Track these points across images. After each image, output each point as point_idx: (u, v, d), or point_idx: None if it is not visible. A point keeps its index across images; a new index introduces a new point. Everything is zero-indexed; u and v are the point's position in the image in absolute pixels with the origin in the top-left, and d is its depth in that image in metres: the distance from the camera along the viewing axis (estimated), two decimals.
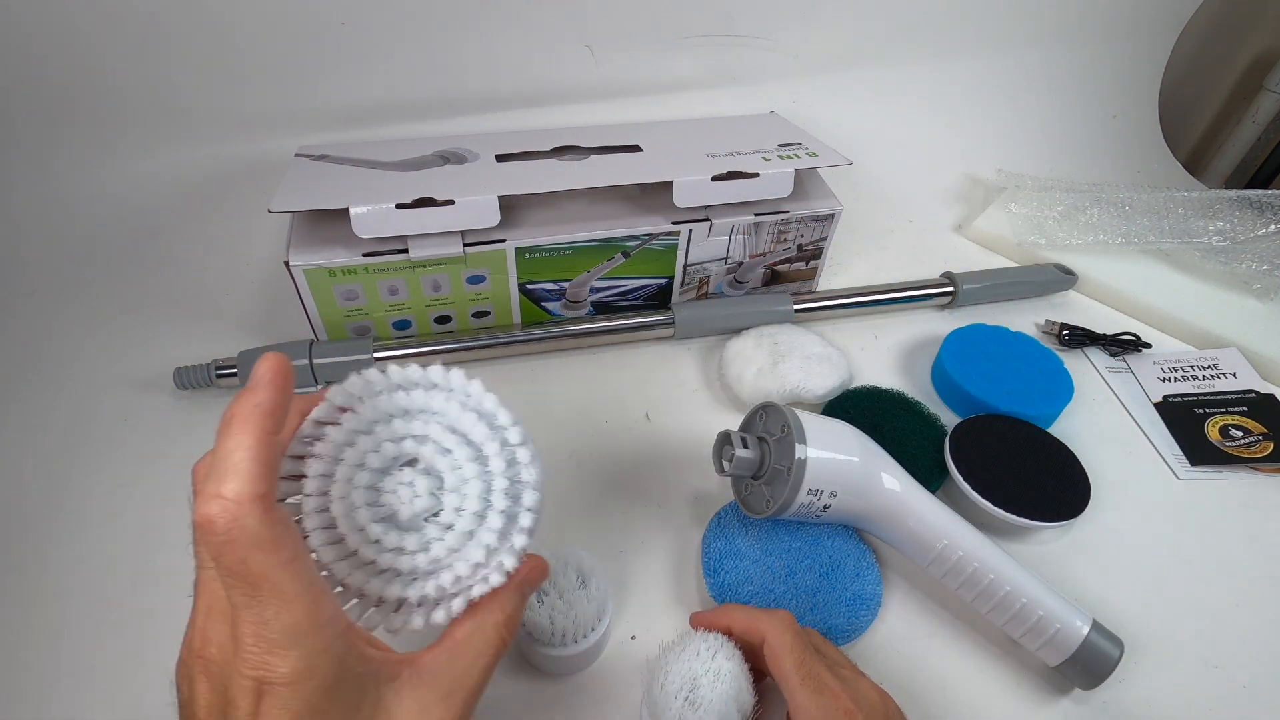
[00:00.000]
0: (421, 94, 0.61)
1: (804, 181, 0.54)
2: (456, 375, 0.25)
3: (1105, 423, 0.50)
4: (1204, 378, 0.53)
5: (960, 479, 0.41)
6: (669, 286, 0.53)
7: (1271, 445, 0.47)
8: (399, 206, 0.43)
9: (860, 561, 0.38)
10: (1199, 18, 0.83)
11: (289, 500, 0.24)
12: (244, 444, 0.19)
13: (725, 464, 0.37)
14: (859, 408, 0.47)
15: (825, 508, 0.36)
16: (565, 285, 0.51)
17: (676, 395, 0.50)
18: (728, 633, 0.32)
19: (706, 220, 0.50)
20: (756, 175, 0.49)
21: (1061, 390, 0.48)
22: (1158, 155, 0.84)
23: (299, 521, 0.23)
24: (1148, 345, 0.56)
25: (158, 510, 0.41)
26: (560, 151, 0.53)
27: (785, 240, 0.53)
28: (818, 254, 0.55)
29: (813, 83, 0.72)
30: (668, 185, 0.48)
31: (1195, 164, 1.00)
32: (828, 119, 0.70)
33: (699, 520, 0.41)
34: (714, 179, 0.48)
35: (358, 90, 0.59)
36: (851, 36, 0.71)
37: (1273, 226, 0.62)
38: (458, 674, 0.23)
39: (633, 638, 0.36)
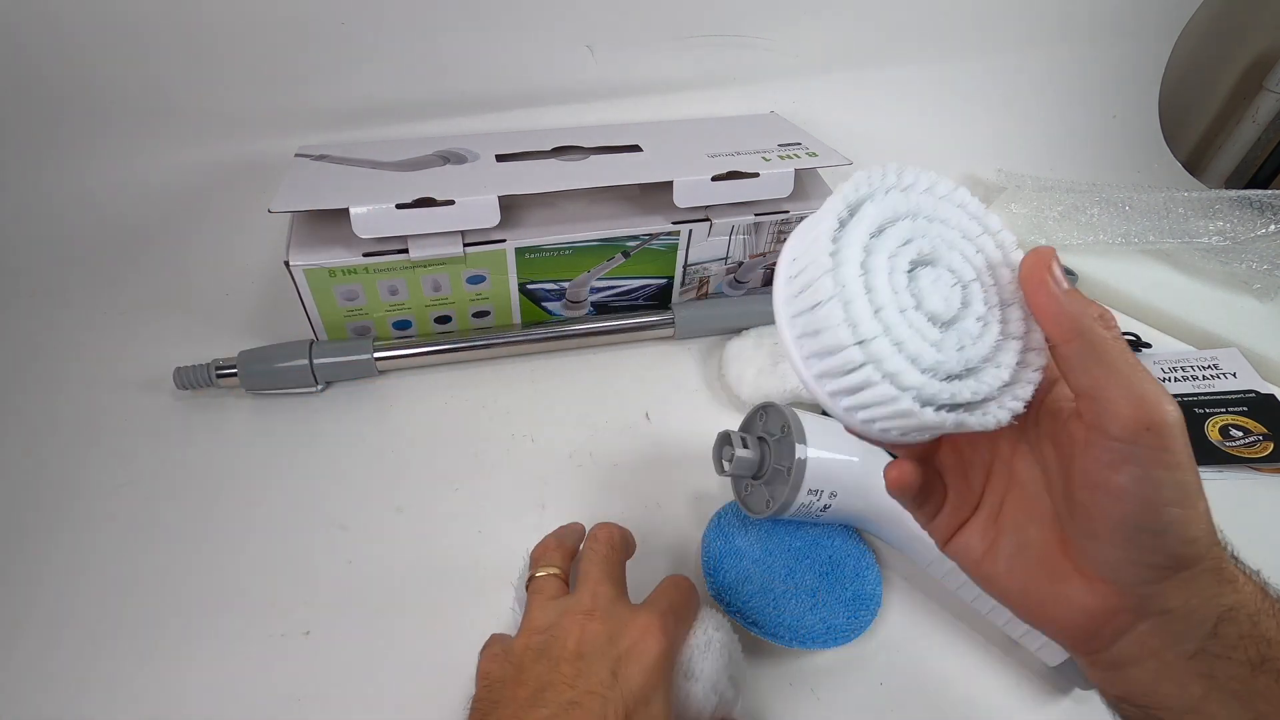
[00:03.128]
0: (421, 94, 0.61)
1: (804, 181, 0.54)
2: (969, 196, 0.24)
3: None
4: (1204, 378, 0.52)
5: None
6: (669, 286, 0.53)
7: (1271, 445, 0.47)
8: (399, 206, 0.43)
9: (860, 561, 0.38)
10: (1199, 18, 0.83)
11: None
12: None
13: (725, 464, 0.37)
14: None
15: (825, 508, 0.36)
16: (565, 285, 0.51)
17: (676, 395, 0.50)
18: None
19: (706, 220, 0.50)
20: (756, 175, 0.49)
21: None
22: (1158, 155, 0.84)
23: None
24: (1148, 345, 0.56)
25: (158, 510, 0.41)
26: (560, 151, 0.53)
27: (785, 240, 0.53)
28: None
29: (813, 83, 0.71)
30: (668, 185, 0.48)
31: (1195, 164, 1.00)
32: (828, 119, 0.70)
33: (699, 520, 0.41)
34: (714, 179, 0.48)
35: (358, 90, 0.59)
36: (851, 36, 0.71)
37: (1273, 226, 0.62)
38: None
39: None
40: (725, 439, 0.37)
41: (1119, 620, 0.21)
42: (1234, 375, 0.52)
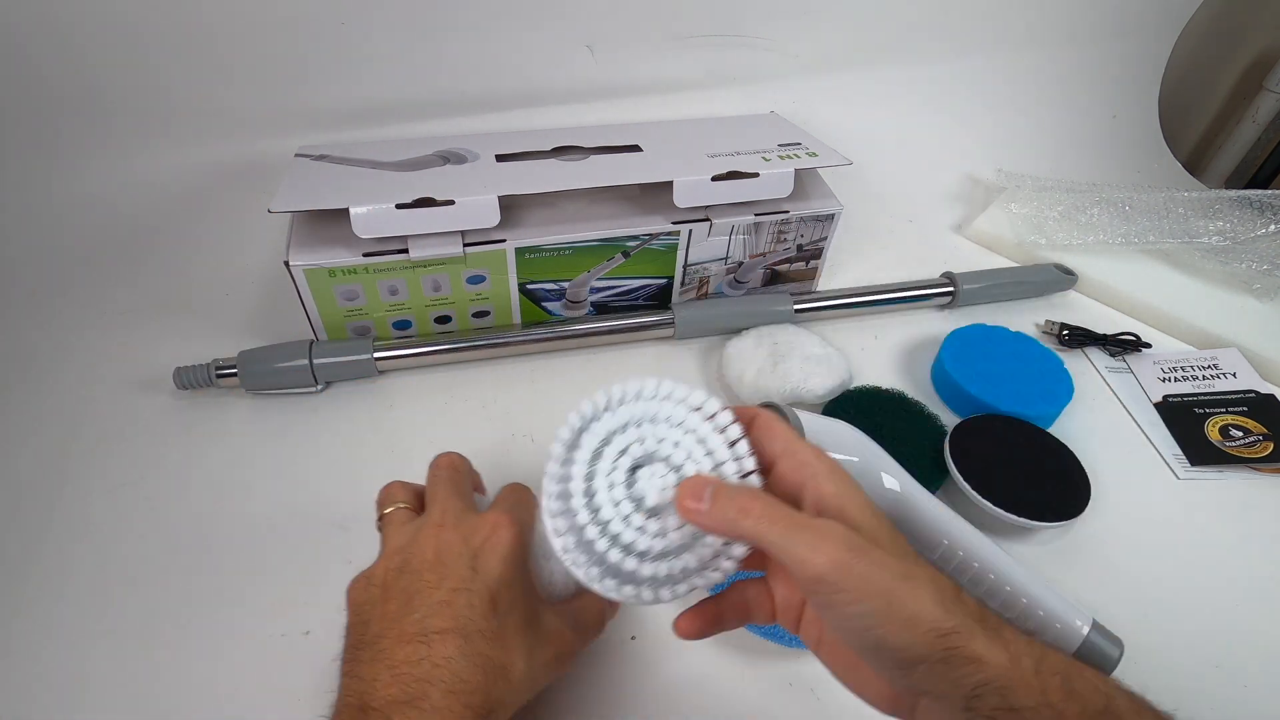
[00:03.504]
0: (421, 94, 0.61)
1: (804, 181, 0.54)
2: (674, 386, 0.28)
3: (1105, 423, 0.50)
4: (1204, 378, 0.52)
5: (960, 479, 0.41)
6: (669, 286, 0.53)
7: (1271, 445, 0.47)
8: (399, 206, 0.43)
9: None
10: (1199, 18, 0.83)
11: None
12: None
13: None
14: (859, 408, 0.47)
15: None
16: (565, 285, 0.51)
17: None
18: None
19: (706, 220, 0.50)
20: (756, 175, 0.49)
21: (1061, 390, 0.48)
22: (1158, 155, 0.84)
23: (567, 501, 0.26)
24: (1148, 345, 0.56)
25: (158, 510, 0.41)
26: (560, 151, 0.53)
27: (785, 240, 0.53)
28: (818, 254, 0.55)
29: (813, 83, 0.72)
30: (668, 185, 0.48)
31: (1195, 164, 1.00)
32: (828, 119, 0.70)
33: None
34: (714, 179, 0.48)
35: (358, 90, 0.59)
36: (851, 36, 0.71)
37: (1273, 226, 0.62)
38: (582, 623, 0.31)
39: (632, 638, 0.36)
40: None
41: (907, 698, 0.24)
42: (1234, 375, 0.52)
